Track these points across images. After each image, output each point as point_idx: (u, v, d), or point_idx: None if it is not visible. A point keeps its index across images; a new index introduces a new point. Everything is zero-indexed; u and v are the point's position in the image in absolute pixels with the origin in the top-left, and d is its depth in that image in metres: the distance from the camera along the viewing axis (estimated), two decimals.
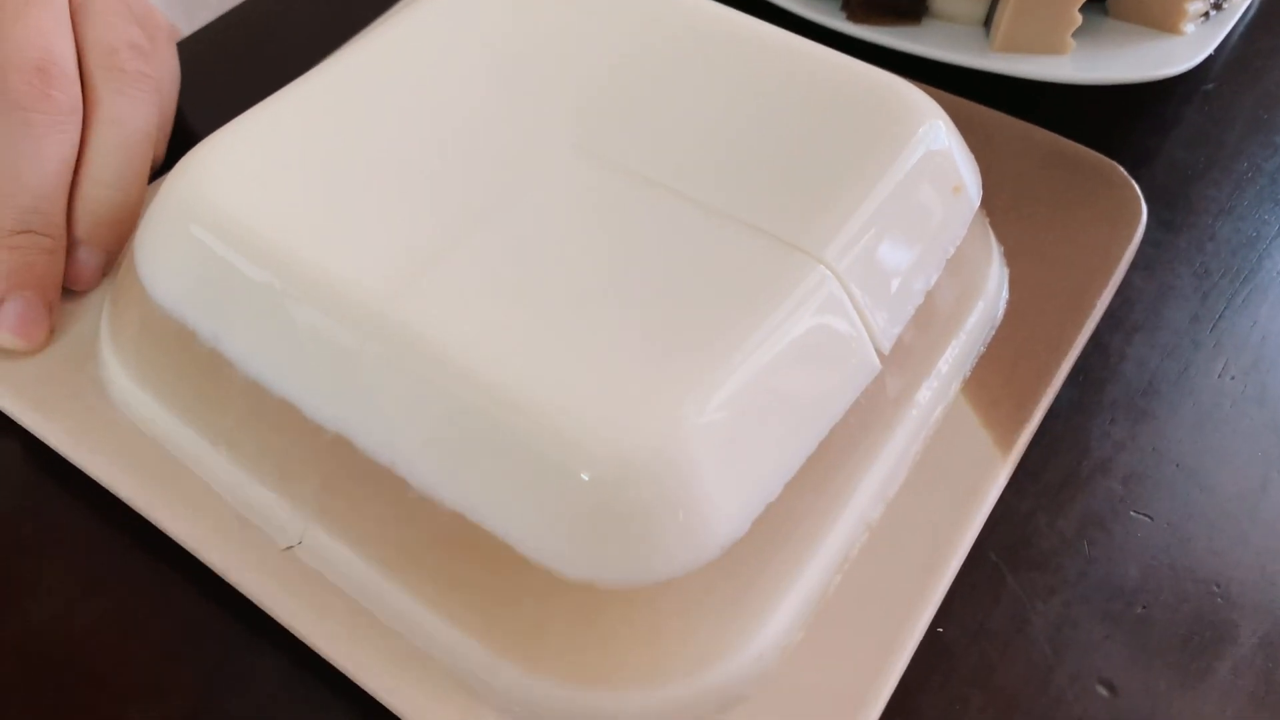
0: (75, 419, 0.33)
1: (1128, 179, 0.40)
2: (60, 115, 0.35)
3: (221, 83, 0.46)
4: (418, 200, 0.31)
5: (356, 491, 0.29)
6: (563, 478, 0.26)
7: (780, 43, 0.36)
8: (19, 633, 0.31)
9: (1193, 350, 0.38)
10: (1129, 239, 0.39)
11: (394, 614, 0.29)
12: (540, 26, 0.36)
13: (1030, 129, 0.42)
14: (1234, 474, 0.35)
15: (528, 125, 0.34)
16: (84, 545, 0.32)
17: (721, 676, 0.28)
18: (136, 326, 0.33)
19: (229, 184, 0.31)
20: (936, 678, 0.30)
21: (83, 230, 0.36)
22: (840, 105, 0.34)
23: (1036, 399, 0.34)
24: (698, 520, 0.26)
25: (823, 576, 0.30)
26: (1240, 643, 0.31)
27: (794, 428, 0.29)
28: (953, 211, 0.34)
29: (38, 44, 0.35)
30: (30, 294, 0.34)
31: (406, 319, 0.28)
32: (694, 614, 0.27)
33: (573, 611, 0.27)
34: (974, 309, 0.36)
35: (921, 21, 0.48)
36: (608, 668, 0.27)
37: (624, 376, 0.27)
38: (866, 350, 0.31)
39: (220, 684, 0.30)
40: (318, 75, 0.35)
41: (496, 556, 0.27)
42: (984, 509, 0.32)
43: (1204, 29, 0.47)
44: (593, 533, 0.26)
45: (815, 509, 0.30)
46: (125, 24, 0.38)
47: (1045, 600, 0.32)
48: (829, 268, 0.30)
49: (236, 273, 0.30)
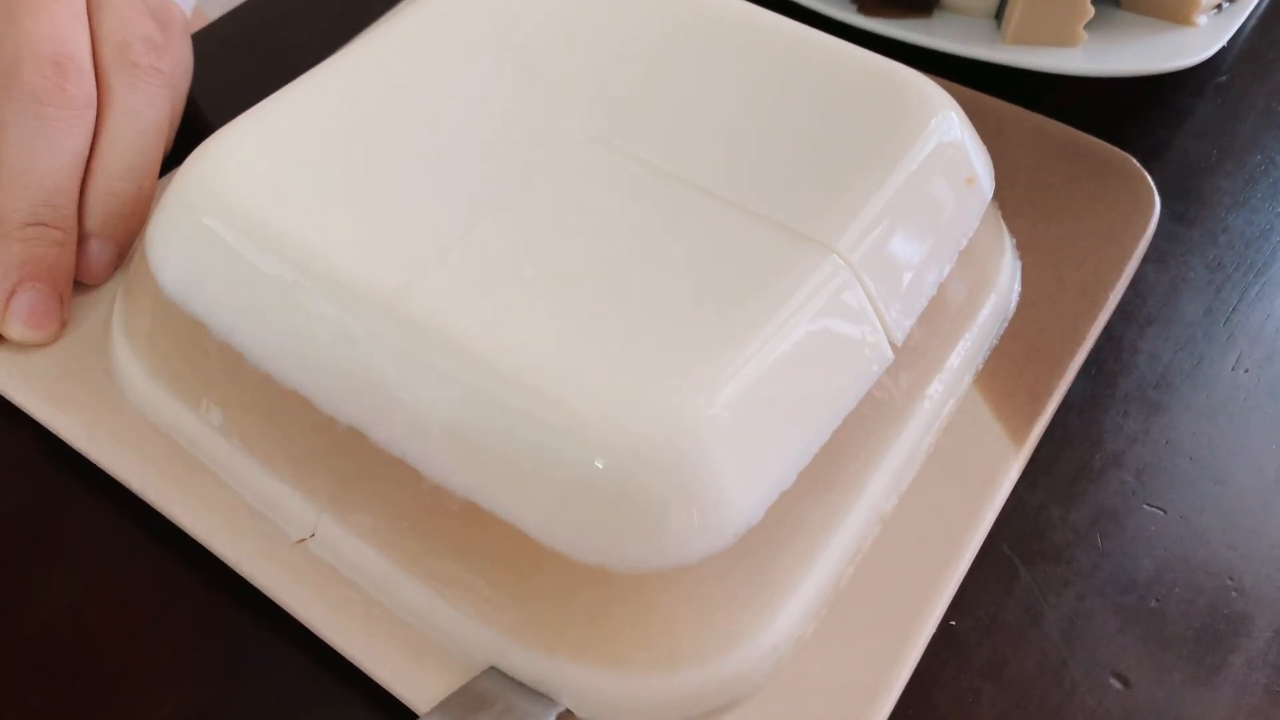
0: (88, 412, 0.33)
1: (1140, 171, 0.40)
2: (74, 109, 0.35)
3: (234, 75, 0.46)
4: (430, 191, 0.31)
5: (369, 483, 0.29)
6: (577, 464, 0.26)
7: (792, 34, 0.36)
8: (31, 627, 0.31)
9: (1206, 343, 0.38)
10: (1142, 231, 0.38)
11: (407, 604, 0.29)
12: (553, 17, 0.36)
13: (1043, 121, 0.41)
14: (1247, 467, 0.35)
15: (541, 116, 0.34)
16: (96, 539, 0.32)
17: (736, 665, 0.28)
18: (148, 319, 0.33)
19: (241, 176, 0.31)
20: (949, 670, 0.30)
21: (94, 223, 0.36)
22: (853, 97, 0.34)
23: (1049, 391, 0.34)
24: (711, 506, 0.26)
25: (836, 567, 0.30)
26: (1254, 636, 0.31)
27: (807, 416, 0.29)
28: (965, 203, 0.34)
29: (53, 38, 0.35)
30: (42, 285, 0.34)
31: (419, 309, 0.28)
32: (708, 601, 0.27)
33: (587, 598, 0.27)
34: (987, 301, 0.36)
35: (932, 14, 0.47)
36: (622, 654, 0.27)
37: (638, 364, 0.27)
38: (880, 341, 0.31)
39: (233, 678, 0.30)
40: (330, 67, 0.35)
41: (511, 544, 0.27)
42: (997, 501, 0.32)
43: (1217, 21, 0.47)
44: (607, 519, 0.26)
45: (828, 499, 0.30)
46: (140, 17, 0.38)
47: (1058, 593, 0.32)
48: (842, 258, 0.30)
49: (249, 264, 0.30)
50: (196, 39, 0.44)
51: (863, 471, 0.31)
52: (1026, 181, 0.40)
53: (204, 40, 0.47)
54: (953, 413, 0.34)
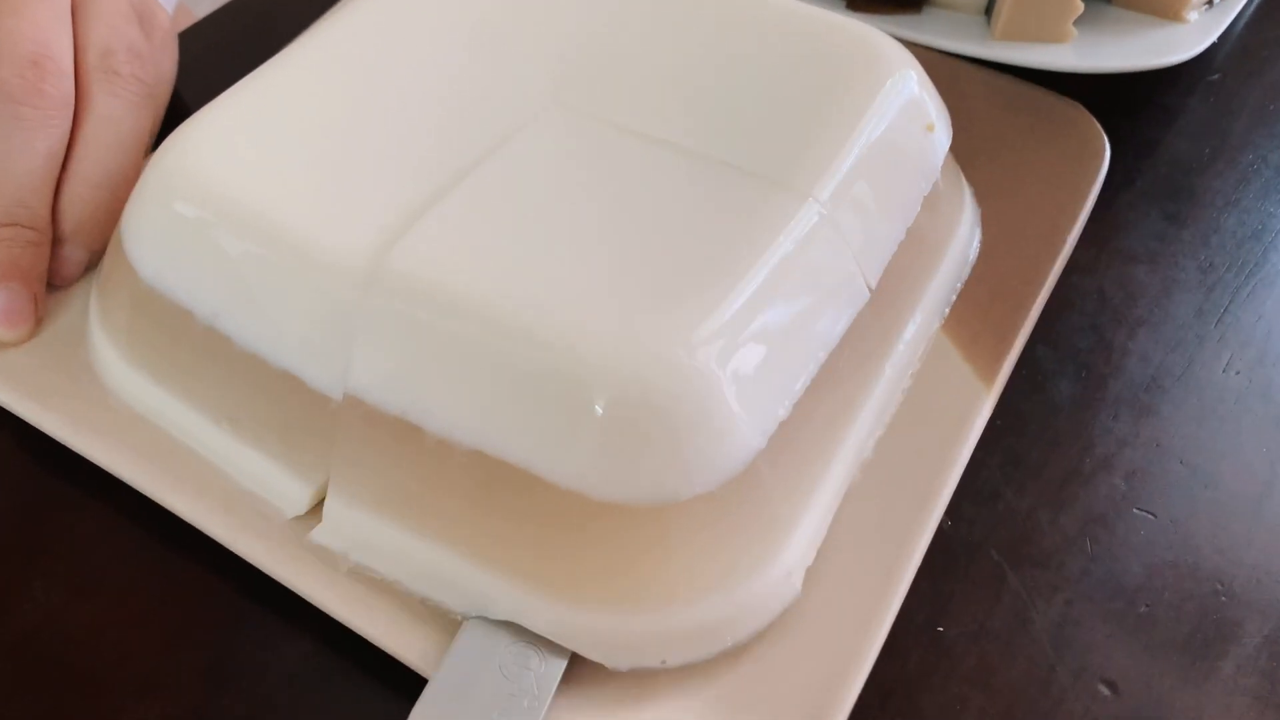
0: (71, 405, 0.33)
1: (1089, 117, 0.41)
2: (51, 110, 0.35)
3: (222, 73, 0.45)
4: (403, 162, 0.31)
5: (369, 450, 0.29)
6: (585, 401, 0.26)
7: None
8: (16, 631, 0.30)
9: (1197, 345, 0.38)
10: (1095, 174, 0.40)
11: (414, 567, 0.29)
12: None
13: (994, 75, 0.43)
14: (1238, 471, 0.35)
15: (509, 84, 0.34)
16: (81, 544, 0.32)
17: (754, 592, 0.28)
18: (128, 309, 0.33)
19: (213, 159, 0.31)
20: (937, 677, 0.30)
21: (68, 228, 0.36)
22: (815, 52, 0.35)
23: (1015, 331, 0.36)
24: (718, 434, 0.27)
25: (834, 497, 0.31)
26: (1244, 642, 0.31)
27: (797, 348, 0.30)
28: (926, 150, 0.35)
29: (33, 38, 0.35)
30: (16, 285, 0.34)
31: (402, 268, 0.28)
32: (722, 529, 0.28)
33: (603, 534, 0.27)
34: (950, 247, 0.37)
35: (922, 10, 0.47)
36: (640, 588, 0.28)
37: (635, 302, 0.28)
38: (857, 279, 0.32)
39: (221, 681, 0.29)
40: (298, 48, 0.35)
41: (521, 488, 0.27)
42: (971, 439, 0.33)
43: (1207, 16, 0.46)
44: (618, 452, 0.27)
45: (822, 432, 0.31)
46: (126, 24, 0.38)
47: (1047, 599, 0.31)
48: (818, 202, 0.31)
49: (228, 247, 0.30)
50: (184, 37, 0.44)
51: (849, 406, 0.33)
52: (982, 133, 0.41)
53: (191, 38, 0.47)
54: (924, 356, 0.35)
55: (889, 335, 0.34)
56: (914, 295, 0.35)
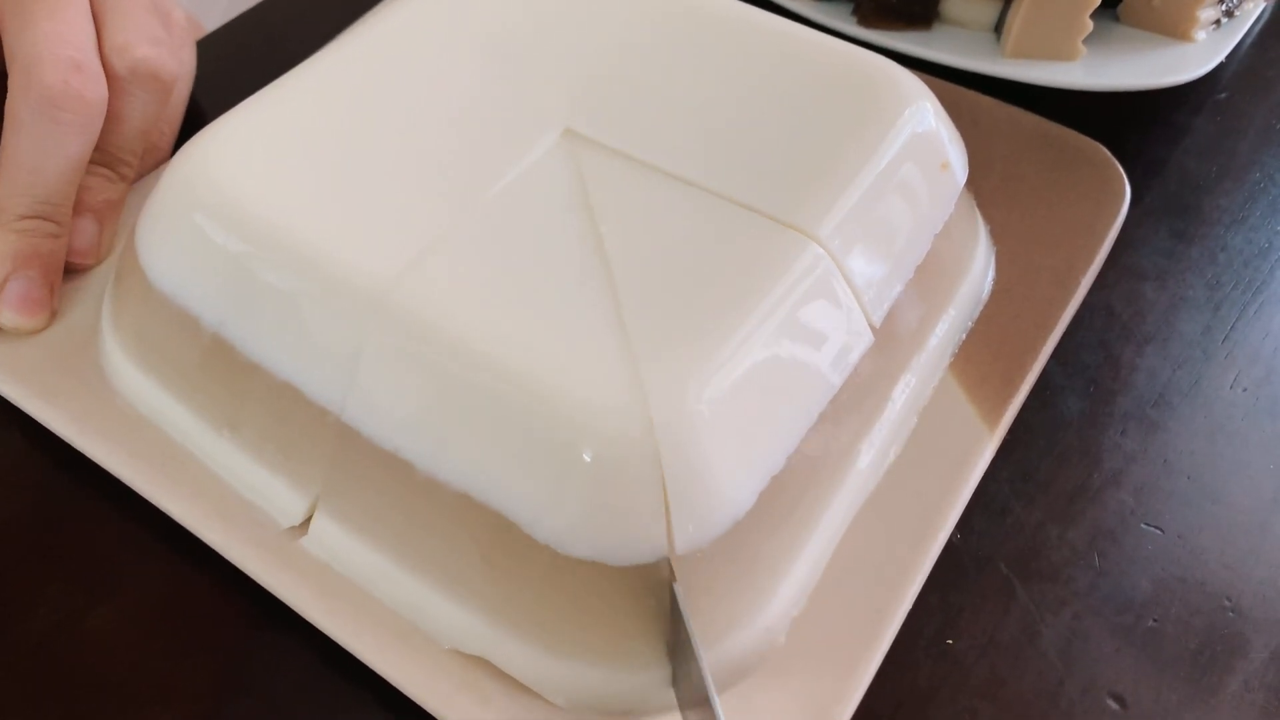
0: (77, 404, 0.33)
1: (1110, 159, 0.41)
2: (89, 114, 0.35)
3: (235, 85, 0.46)
4: (416, 185, 0.31)
5: (362, 475, 0.29)
6: (568, 457, 0.26)
7: (770, 27, 0.37)
8: (32, 635, 0.30)
9: (1204, 362, 0.38)
10: (1113, 218, 0.39)
11: (398, 596, 0.29)
12: (535, 12, 0.37)
13: (1017, 112, 0.42)
14: (1246, 486, 0.35)
15: (523, 110, 0.34)
16: (94, 550, 0.32)
17: (731, 650, 0.28)
18: (138, 312, 0.33)
19: (229, 171, 0.31)
20: (946, 690, 0.30)
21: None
22: (830, 87, 0.35)
23: (1023, 375, 0.35)
24: (704, 497, 0.27)
25: (825, 550, 0.31)
26: (1251, 657, 0.31)
27: (793, 401, 0.29)
28: (940, 189, 0.35)
29: (71, 41, 0.35)
30: (35, 273, 0.35)
31: (406, 303, 0.28)
32: (703, 590, 0.27)
33: (582, 590, 0.27)
34: (961, 286, 0.37)
35: (932, 27, 0.47)
36: (618, 646, 0.27)
37: (626, 355, 0.27)
38: (859, 324, 0.31)
39: (231, 690, 0.30)
40: (316, 62, 0.35)
41: (505, 536, 0.27)
42: (971, 483, 0.32)
43: (1215, 36, 0.47)
44: (598, 512, 0.26)
45: (816, 482, 0.31)
46: (146, 18, 0.38)
47: (1055, 613, 0.32)
48: (822, 245, 0.30)
49: (239, 257, 0.30)
50: (201, 46, 0.44)
51: (847, 453, 0.32)
52: (1001, 171, 0.41)
53: (204, 50, 0.47)
54: (930, 396, 0.35)
55: (893, 374, 0.34)
56: (922, 335, 0.35)
